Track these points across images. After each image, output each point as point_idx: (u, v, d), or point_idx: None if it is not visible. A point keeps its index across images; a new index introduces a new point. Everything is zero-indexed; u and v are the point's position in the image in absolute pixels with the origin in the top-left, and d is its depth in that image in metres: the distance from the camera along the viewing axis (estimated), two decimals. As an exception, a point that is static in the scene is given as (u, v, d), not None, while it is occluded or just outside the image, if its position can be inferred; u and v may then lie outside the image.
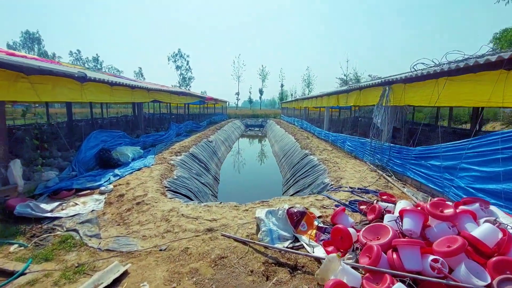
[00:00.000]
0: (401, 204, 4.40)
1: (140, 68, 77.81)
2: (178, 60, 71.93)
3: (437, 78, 5.75)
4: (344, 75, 55.05)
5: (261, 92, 77.83)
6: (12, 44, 61.78)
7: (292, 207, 4.20)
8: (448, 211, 3.43)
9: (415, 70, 7.13)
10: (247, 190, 11.40)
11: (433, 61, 6.89)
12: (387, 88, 7.67)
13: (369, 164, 8.44)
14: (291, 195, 8.78)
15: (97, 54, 73.95)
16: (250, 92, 78.18)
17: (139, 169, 7.56)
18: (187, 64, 72.82)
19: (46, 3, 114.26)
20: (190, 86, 75.02)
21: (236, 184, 12.37)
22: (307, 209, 4.36)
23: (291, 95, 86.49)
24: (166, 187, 6.33)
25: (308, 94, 73.81)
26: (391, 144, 7.53)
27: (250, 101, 79.25)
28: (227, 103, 44.40)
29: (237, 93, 76.18)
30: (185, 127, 16.80)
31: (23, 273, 3.16)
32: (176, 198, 5.65)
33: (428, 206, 3.51)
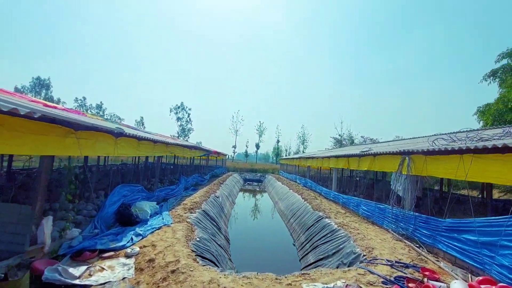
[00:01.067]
0: (457, 285, 4.25)
1: (142, 117, 79.98)
2: (180, 112, 75.00)
3: (462, 154, 6.15)
4: (339, 135, 57.74)
5: (257, 146, 79.79)
6: (21, 88, 64.00)
7: (349, 285, 3.99)
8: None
9: (428, 137, 7.66)
10: (260, 254, 10.77)
11: (450, 137, 7.45)
12: (406, 158, 8.06)
13: (392, 232, 8.30)
14: (313, 263, 8.34)
15: (101, 102, 76.58)
16: (247, 146, 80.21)
17: (159, 228, 7.22)
18: (188, 116, 75.71)
19: (55, 49, 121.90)
20: (188, 137, 76.63)
21: (247, 245, 11.71)
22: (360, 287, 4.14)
23: (286, 150, 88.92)
24: (193, 251, 5.99)
25: (304, 151, 76.00)
26: (416, 214, 7.56)
27: (246, 154, 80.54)
28: (227, 156, 44.94)
29: (234, 146, 77.79)
30: (192, 180, 16.65)
31: None
32: (209, 266, 5.30)
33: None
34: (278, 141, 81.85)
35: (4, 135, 3.80)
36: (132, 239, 6.20)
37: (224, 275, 4.77)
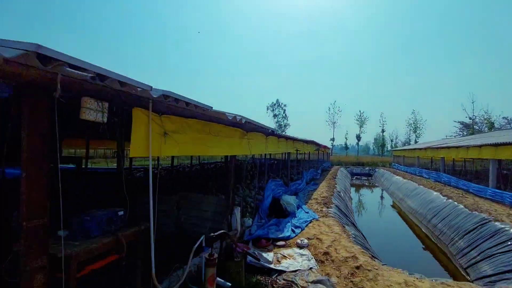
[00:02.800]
0: None
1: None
2: (276, 109, 77.75)
3: None
4: (470, 118, 46.34)
5: (358, 138, 73.91)
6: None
7: None
8: None
9: None
10: (402, 250, 9.92)
11: None
12: None
13: None
14: (492, 275, 6.85)
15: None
16: (346, 138, 75.18)
17: (310, 221, 7.46)
18: (284, 112, 77.50)
19: None
20: (285, 133, 78.75)
21: (378, 243, 10.83)
22: None
23: (391, 141, 78.30)
24: (364, 247, 5.85)
25: (416, 141, 64.99)
26: None
27: (346, 147, 75.81)
28: (330, 149, 43.59)
29: (332, 139, 74.56)
30: (310, 175, 16.85)
31: None
32: (387, 266, 5.03)
33: None
34: (383, 131, 73.20)
35: (220, 141, 4.66)
36: (293, 230, 6.60)
37: (417, 278, 4.38)
